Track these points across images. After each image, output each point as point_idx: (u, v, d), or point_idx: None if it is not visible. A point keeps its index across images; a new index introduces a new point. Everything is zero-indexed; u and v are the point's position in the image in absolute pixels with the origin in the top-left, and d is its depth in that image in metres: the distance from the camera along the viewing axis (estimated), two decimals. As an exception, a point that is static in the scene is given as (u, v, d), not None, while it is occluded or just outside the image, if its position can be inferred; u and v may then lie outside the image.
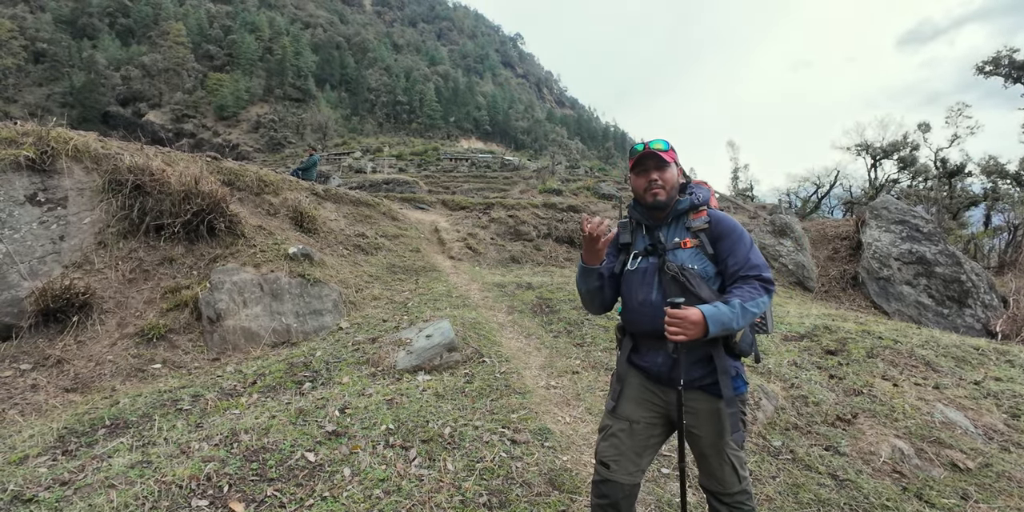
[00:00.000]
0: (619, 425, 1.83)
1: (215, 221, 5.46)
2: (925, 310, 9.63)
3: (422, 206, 12.39)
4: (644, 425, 1.81)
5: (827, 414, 3.57)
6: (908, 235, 10.59)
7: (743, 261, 1.70)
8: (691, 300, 1.64)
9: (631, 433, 1.81)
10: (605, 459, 1.82)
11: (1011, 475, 2.94)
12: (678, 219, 1.83)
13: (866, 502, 2.63)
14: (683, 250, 1.76)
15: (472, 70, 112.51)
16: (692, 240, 1.76)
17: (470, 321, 5.04)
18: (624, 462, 1.79)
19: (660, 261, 1.77)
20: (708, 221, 1.78)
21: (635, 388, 1.86)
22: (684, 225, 1.81)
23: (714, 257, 1.74)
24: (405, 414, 3.16)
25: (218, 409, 3.32)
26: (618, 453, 1.80)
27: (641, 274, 1.81)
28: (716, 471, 1.77)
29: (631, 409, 1.84)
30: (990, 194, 21.75)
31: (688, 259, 1.74)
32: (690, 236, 1.77)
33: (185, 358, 4.34)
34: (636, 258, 1.85)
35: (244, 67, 70.95)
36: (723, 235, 1.75)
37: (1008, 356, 5.21)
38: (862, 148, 26.72)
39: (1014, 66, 23.70)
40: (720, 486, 1.78)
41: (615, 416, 1.86)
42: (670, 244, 1.79)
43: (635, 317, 1.83)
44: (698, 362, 1.73)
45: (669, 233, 1.82)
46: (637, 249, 1.87)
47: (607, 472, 1.80)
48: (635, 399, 1.85)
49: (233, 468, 2.52)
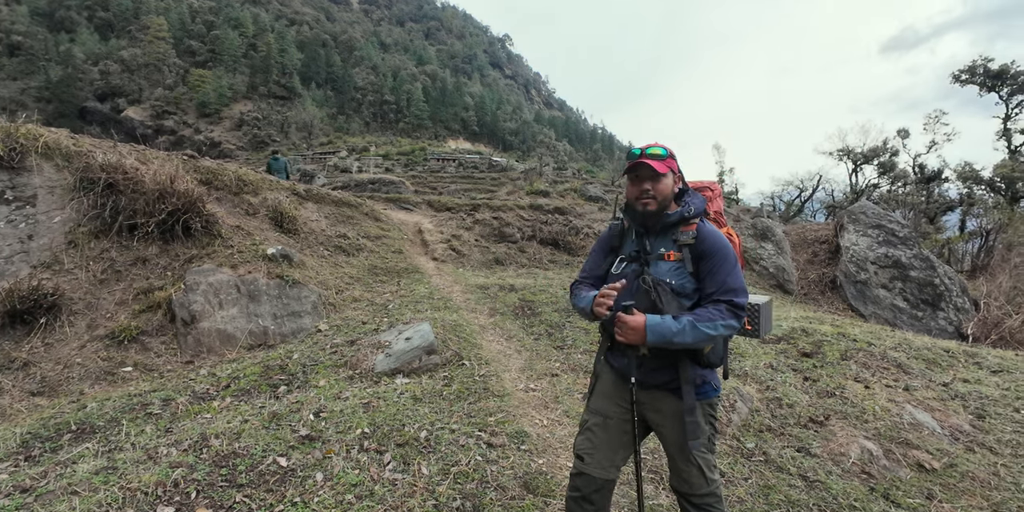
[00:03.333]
0: (594, 419, 1.89)
1: (191, 221, 5.36)
2: (900, 313, 9.84)
3: (407, 206, 12.31)
4: (618, 420, 1.85)
5: (800, 416, 3.62)
6: (885, 239, 10.82)
7: (719, 284, 1.67)
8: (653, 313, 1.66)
9: (605, 428, 1.85)
10: (580, 452, 1.87)
11: (975, 475, 3.01)
12: (667, 229, 1.80)
13: (835, 503, 2.67)
14: (665, 262, 1.75)
15: (460, 70, 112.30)
16: (676, 253, 1.74)
17: (451, 323, 5.02)
18: (598, 456, 1.83)
19: (640, 270, 1.77)
20: (695, 237, 1.73)
21: (608, 384, 1.91)
22: (671, 237, 1.78)
23: (694, 274, 1.72)
24: (381, 418, 3.14)
25: (189, 413, 3.26)
26: (592, 447, 1.85)
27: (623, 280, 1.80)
28: (683, 472, 1.80)
29: (604, 404, 1.88)
30: (965, 199, 22.36)
31: (667, 273, 1.73)
32: (675, 249, 1.75)
33: (157, 361, 4.26)
34: (622, 262, 1.86)
35: (227, 64, 69.95)
36: (706, 254, 1.70)
37: (976, 358, 5.35)
38: (844, 153, 27.29)
39: (988, 75, 24.43)
40: (687, 487, 1.80)
41: (590, 411, 1.92)
42: (655, 254, 1.77)
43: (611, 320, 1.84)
44: (666, 367, 1.75)
45: (656, 242, 1.80)
46: (624, 253, 1.88)
47: (581, 465, 1.85)
48: (607, 395, 1.89)
49: (202, 474, 2.47)
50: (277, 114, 66.92)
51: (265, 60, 71.23)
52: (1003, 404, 4.06)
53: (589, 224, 13.01)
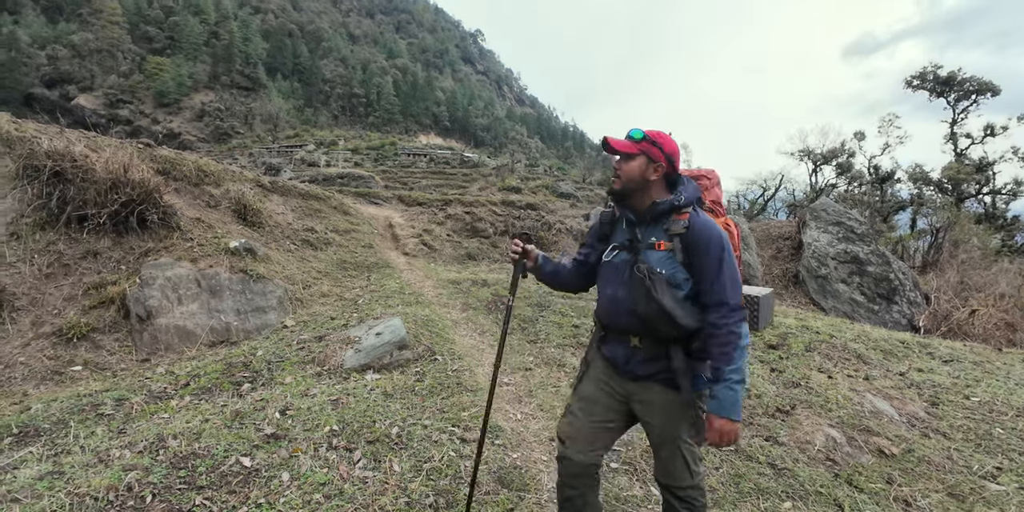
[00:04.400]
0: (579, 404, 1.90)
1: (147, 212, 5.08)
2: (858, 306, 10.25)
3: (377, 201, 12.08)
4: (602, 407, 1.86)
5: (768, 406, 3.71)
6: (844, 236, 11.24)
7: (710, 285, 1.65)
8: (652, 306, 1.63)
9: (588, 412, 1.86)
10: (561, 435, 1.90)
11: (930, 459, 3.14)
12: (658, 219, 1.75)
13: (801, 489, 2.74)
14: (656, 252, 1.71)
15: (431, 65, 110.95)
16: (667, 243, 1.70)
17: (423, 318, 4.94)
18: (579, 440, 1.85)
19: (633, 259, 1.75)
20: (686, 226, 1.68)
21: (598, 371, 1.91)
22: (663, 226, 1.73)
23: (686, 264, 1.68)
24: (351, 414, 3.05)
25: (145, 413, 3.09)
26: (573, 430, 1.86)
27: (615, 269, 1.81)
28: (668, 463, 1.79)
29: (592, 390, 1.89)
30: (916, 199, 23.47)
31: (659, 262, 1.69)
32: (666, 238, 1.71)
33: (110, 359, 4.03)
34: (613, 251, 1.84)
35: (187, 51, 67.10)
36: (696, 244, 1.66)
37: (929, 349, 5.61)
38: (804, 154, 28.22)
39: (938, 81, 25.66)
40: (671, 479, 1.80)
41: (576, 395, 1.93)
42: (645, 243, 1.74)
43: (603, 309, 1.86)
44: (657, 358, 1.73)
45: (647, 231, 1.76)
46: (616, 242, 1.86)
47: (563, 448, 1.87)
48: (596, 381, 1.90)
49: (158, 476, 2.34)
50: (241, 105, 64.62)
51: (228, 49, 68.63)
52: (954, 392, 4.26)
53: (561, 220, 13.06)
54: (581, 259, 2.00)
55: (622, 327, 1.78)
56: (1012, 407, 3.93)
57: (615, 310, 1.77)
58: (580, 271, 2.01)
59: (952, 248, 13.41)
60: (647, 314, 1.65)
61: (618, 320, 1.78)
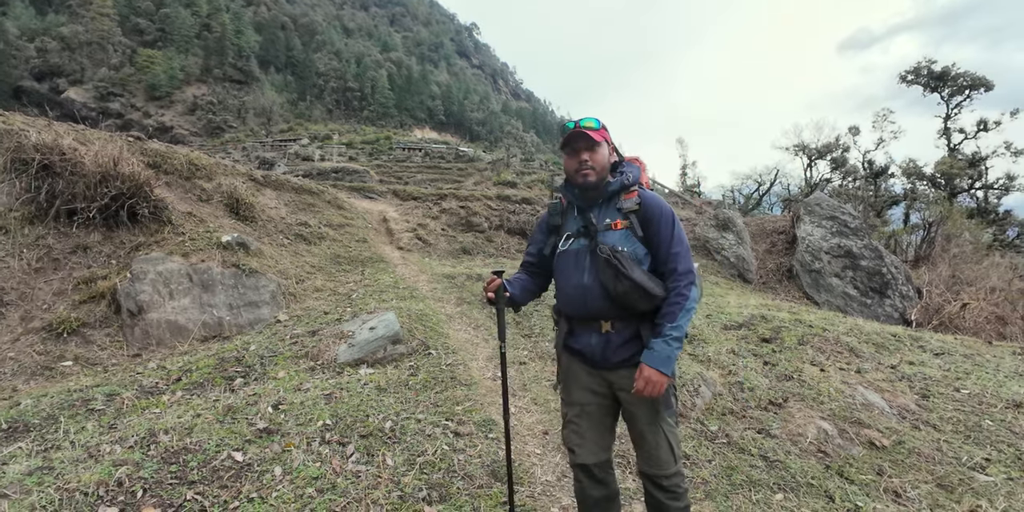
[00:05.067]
0: (573, 411, 1.89)
1: (137, 206, 5.03)
2: (851, 300, 10.31)
3: (371, 196, 12.00)
4: (596, 407, 1.86)
5: (761, 399, 3.73)
6: (838, 230, 11.29)
7: (665, 254, 1.74)
8: (624, 283, 1.66)
9: (587, 417, 1.86)
10: (571, 446, 1.90)
11: (920, 451, 3.17)
12: (609, 200, 1.82)
13: (793, 481, 2.76)
14: (613, 231, 1.77)
15: (426, 58, 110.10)
16: (623, 221, 1.77)
17: (417, 313, 4.92)
18: (588, 445, 1.85)
19: (592, 243, 1.77)
20: (639, 203, 1.78)
21: (578, 375, 1.89)
22: (615, 206, 1.80)
23: (644, 239, 1.76)
24: (344, 409, 3.04)
25: (136, 408, 3.07)
26: (581, 439, 1.86)
27: (573, 256, 1.82)
28: (654, 450, 1.79)
29: (579, 395, 1.88)
30: (909, 194, 23.59)
31: (619, 241, 1.75)
32: (620, 217, 1.78)
33: (101, 354, 4.00)
34: (568, 239, 1.86)
35: (179, 44, 66.22)
36: (651, 218, 1.76)
37: (920, 342, 5.65)
38: (799, 148, 28.25)
39: (931, 76, 25.70)
40: (659, 467, 1.79)
41: (568, 404, 1.92)
42: (601, 225, 1.79)
43: (569, 300, 1.85)
44: (630, 341, 1.77)
45: (600, 214, 1.81)
46: (569, 231, 1.87)
47: (575, 457, 1.88)
48: (580, 385, 1.89)
49: (149, 471, 2.33)
50: (233, 99, 63.93)
51: (220, 42, 67.77)
52: (944, 384, 4.30)
53: (557, 215, 13.00)
54: (533, 260, 2.01)
55: (592, 314, 1.78)
56: (1001, 399, 3.97)
57: (583, 297, 1.77)
58: (538, 271, 2.02)
59: (944, 242, 13.49)
60: (621, 291, 1.67)
61: (587, 307, 1.78)
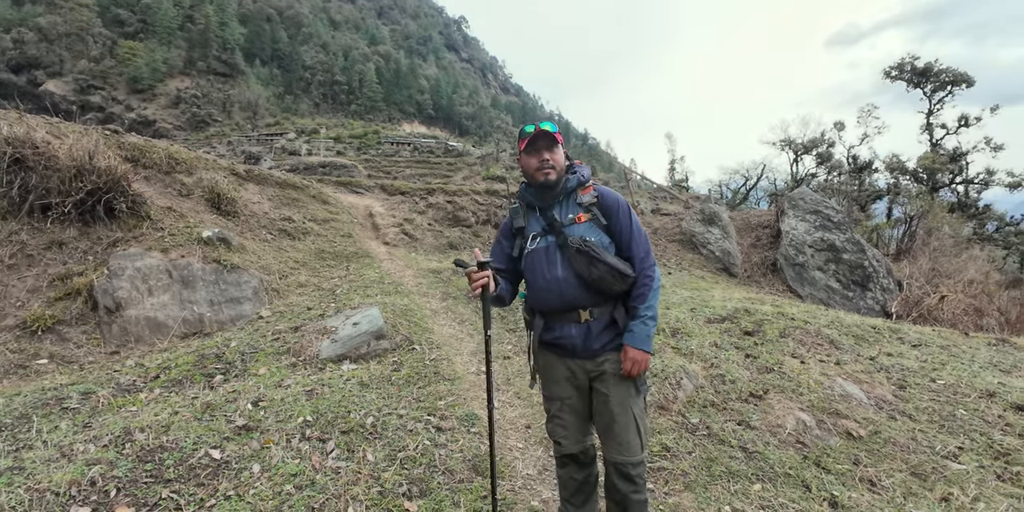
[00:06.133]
0: (555, 406, 1.99)
1: (114, 201, 4.93)
2: (833, 293, 10.46)
3: (358, 190, 11.90)
4: (575, 399, 1.95)
5: (741, 391, 3.77)
6: (821, 224, 11.42)
7: (627, 240, 1.88)
8: (599, 268, 1.77)
9: (569, 410, 1.96)
10: (556, 438, 2.00)
11: (896, 441, 3.23)
12: (568, 196, 1.94)
13: (771, 472, 2.80)
14: (578, 225, 1.88)
15: (415, 52, 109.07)
16: (585, 214, 1.89)
17: (401, 308, 4.90)
18: (572, 436, 1.97)
19: (561, 238, 1.87)
20: (596, 196, 1.92)
21: (555, 369, 1.96)
22: (575, 201, 1.92)
23: (607, 228, 1.88)
24: (325, 405, 3.02)
25: (112, 407, 3.02)
26: (565, 431, 1.97)
27: (543, 253, 1.90)
28: (623, 433, 1.85)
29: (559, 390, 1.96)
30: (892, 189, 23.90)
31: (585, 232, 1.86)
32: (583, 211, 1.90)
33: (77, 352, 3.93)
34: (535, 239, 1.94)
35: (161, 36, 64.91)
36: (610, 208, 1.90)
37: (899, 334, 5.75)
38: (786, 143, 28.49)
39: (915, 72, 26.01)
40: (628, 453, 1.85)
41: (549, 399, 2.01)
42: (565, 220, 1.89)
43: (543, 294, 1.91)
44: (608, 326, 1.88)
45: (562, 210, 1.93)
46: (534, 231, 1.95)
47: (562, 448, 2.00)
48: (556, 380, 1.97)
49: (123, 470, 2.29)
50: (218, 92, 62.91)
51: (204, 34, 66.55)
52: (921, 375, 4.38)
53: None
54: (503, 266, 2.02)
55: (569, 304, 1.86)
56: (975, 389, 4.06)
57: (558, 289, 1.86)
58: (509, 277, 2.03)
59: (925, 236, 13.72)
60: (596, 276, 1.78)
61: (563, 299, 1.86)
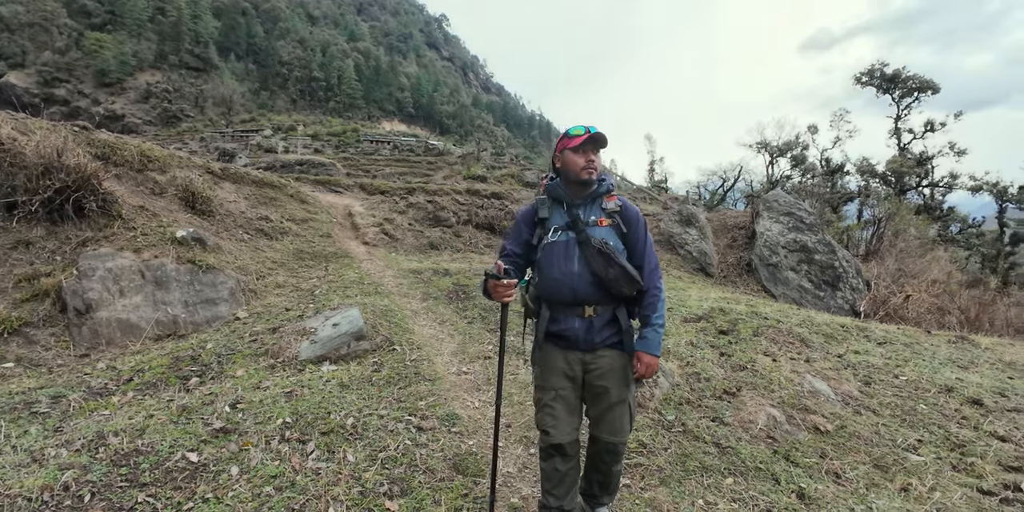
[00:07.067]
0: (549, 396, 2.06)
1: (84, 200, 4.80)
2: (805, 293, 10.77)
3: (337, 189, 11.77)
4: (569, 391, 2.05)
5: (716, 388, 3.87)
6: (794, 226, 11.74)
7: (641, 251, 2.03)
8: (615, 270, 1.91)
9: (562, 401, 2.04)
10: (546, 428, 2.05)
11: (860, 434, 3.37)
12: (595, 200, 2.05)
13: (743, 466, 2.89)
14: (599, 228, 2.00)
15: (395, 49, 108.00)
16: (607, 220, 2.01)
17: (382, 309, 4.89)
18: (562, 426, 2.03)
19: (582, 236, 1.97)
20: (620, 205, 2.05)
21: (555, 360, 2.06)
22: (599, 206, 2.04)
23: (624, 236, 2.01)
24: (305, 406, 3.01)
25: (83, 411, 2.96)
26: (555, 420, 2.03)
27: (562, 247, 1.99)
28: (618, 421, 2.03)
29: (555, 380, 2.05)
30: (863, 191, 24.66)
31: (605, 235, 1.98)
32: (605, 216, 2.02)
33: (45, 355, 3.82)
34: (556, 232, 2.02)
35: (130, 28, 62.87)
36: (631, 220, 2.04)
37: (866, 332, 5.97)
38: (762, 146, 29.12)
39: (884, 78, 26.88)
40: (619, 434, 2.04)
41: (544, 389, 2.08)
42: (588, 221, 2.00)
43: (556, 286, 2.00)
44: (609, 323, 2.01)
45: (587, 211, 2.03)
46: (556, 224, 2.04)
47: (549, 438, 2.04)
48: (556, 371, 2.06)
49: (97, 475, 2.26)
50: (191, 87, 61.25)
51: (176, 27, 64.68)
52: (885, 371, 4.57)
53: (525, 209, 13.05)
54: (520, 251, 2.10)
55: (579, 299, 1.97)
56: (935, 384, 4.25)
57: (572, 284, 1.95)
58: (522, 262, 2.11)
59: (892, 237, 14.21)
60: (612, 277, 1.91)
61: (574, 293, 1.96)
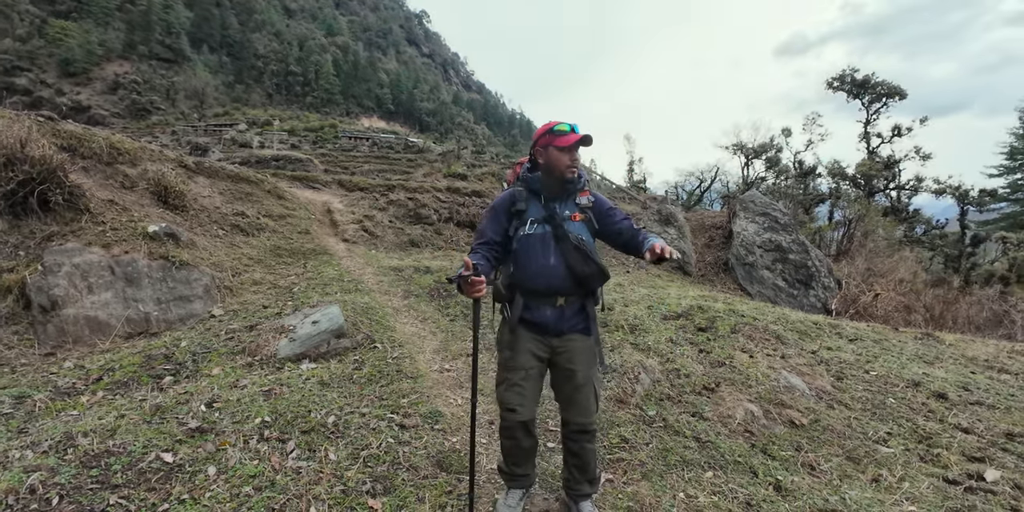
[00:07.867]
0: (519, 375, 2.11)
1: (49, 193, 4.61)
2: (780, 292, 11.04)
3: (315, 185, 11.57)
4: (537, 371, 2.14)
5: (695, 384, 3.94)
6: (769, 226, 12.02)
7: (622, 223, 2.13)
8: (592, 266, 2.00)
9: (530, 380, 2.12)
10: (512, 406, 2.10)
11: (833, 427, 3.47)
12: (570, 196, 2.12)
13: (722, 459, 2.95)
14: (574, 223, 2.08)
15: (374, 45, 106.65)
16: (581, 215, 2.10)
17: (362, 306, 4.83)
18: (528, 404, 2.12)
19: (559, 230, 2.04)
20: (592, 200, 2.14)
21: (526, 341, 2.13)
22: (574, 201, 2.12)
23: (596, 231, 2.11)
24: (284, 405, 2.95)
25: (50, 411, 2.85)
26: (522, 398, 2.11)
27: (539, 239, 2.06)
28: (586, 401, 2.14)
29: (525, 360, 2.12)
30: (834, 193, 25.36)
31: (579, 231, 2.06)
32: (579, 211, 2.10)
33: (8, 354, 3.66)
34: (532, 224, 2.07)
35: (97, 16, 60.68)
36: (602, 213, 2.14)
37: (838, 329, 6.15)
38: (738, 148, 29.67)
39: (854, 84, 27.69)
40: (586, 416, 2.15)
41: (513, 369, 2.13)
42: (563, 216, 2.08)
43: (532, 278, 2.05)
44: (578, 313, 2.12)
45: (562, 207, 2.10)
46: (533, 216, 2.09)
47: (515, 416, 2.10)
48: (527, 352, 2.13)
49: (66, 477, 2.18)
50: (161, 78, 59.42)
51: (146, 16, 62.67)
52: (856, 367, 4.71)
53: (506, 208, 13.04)
54: (499, 239, 2.11)
55: (553, 290, 2.06)
56: (903, 379, 4.41)
57: (548, 275, 2.03)
58: (500, 250, 2.12)
59: (862, 238, 14.68)
60: (588, 273, 2.01)
61: (549, 284, 2.04)
